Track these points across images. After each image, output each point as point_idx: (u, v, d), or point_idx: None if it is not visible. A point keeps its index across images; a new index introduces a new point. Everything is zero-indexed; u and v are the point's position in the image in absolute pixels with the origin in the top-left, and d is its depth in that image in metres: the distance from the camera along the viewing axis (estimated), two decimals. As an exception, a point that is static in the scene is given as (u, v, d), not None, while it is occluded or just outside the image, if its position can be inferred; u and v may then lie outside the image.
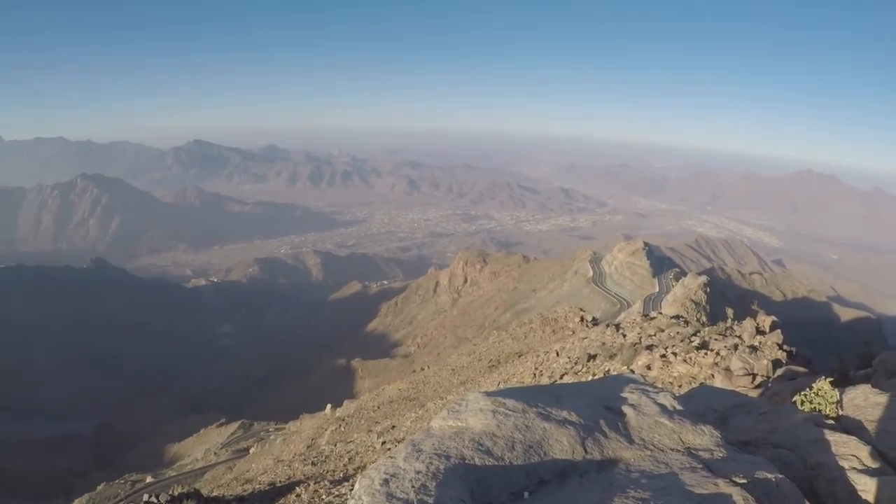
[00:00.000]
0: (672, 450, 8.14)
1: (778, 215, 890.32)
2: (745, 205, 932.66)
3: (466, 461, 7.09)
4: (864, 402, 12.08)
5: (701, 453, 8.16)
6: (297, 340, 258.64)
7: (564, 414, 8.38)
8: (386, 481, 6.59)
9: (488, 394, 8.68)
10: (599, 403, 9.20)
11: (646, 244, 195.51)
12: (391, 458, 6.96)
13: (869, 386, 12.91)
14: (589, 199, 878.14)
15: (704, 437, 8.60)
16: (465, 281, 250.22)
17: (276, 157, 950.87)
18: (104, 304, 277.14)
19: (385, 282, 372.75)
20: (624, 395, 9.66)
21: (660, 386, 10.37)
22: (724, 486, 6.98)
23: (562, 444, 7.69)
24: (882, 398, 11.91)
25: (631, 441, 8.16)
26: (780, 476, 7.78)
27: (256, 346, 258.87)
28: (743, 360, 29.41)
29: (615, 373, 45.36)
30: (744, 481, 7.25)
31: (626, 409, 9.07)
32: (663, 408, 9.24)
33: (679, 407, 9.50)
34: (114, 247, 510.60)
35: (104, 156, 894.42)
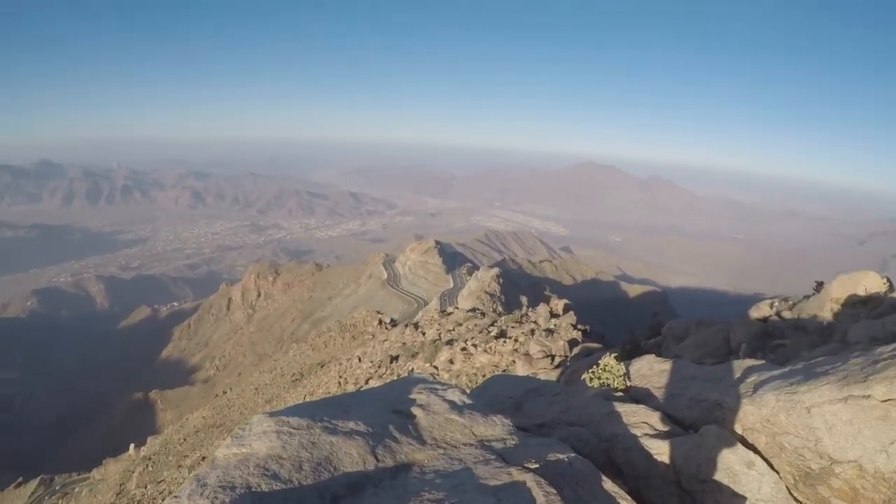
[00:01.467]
0: (465, 445, 8.04)
1: (563, 206, 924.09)
2: (531, 198, 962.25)
3: (253, 489, 6.67)
4: (650, 370, 12.63)
5: (494, 444, 8.11)
6: (88, 378, 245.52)
7: (351, 424, 8.10)
8: (169, 525, 6.13)
9: (271, 414, 8.28)
10: (388, 408, 9.01)
11: (437, 242, 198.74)
12: (175, 498, 6.46)
13: (653, 355, 13.41)
14: (378, 202, 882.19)
15: (496, 428, 8.59)
16: (259, 295, 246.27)
17: (50, 174, 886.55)
18: None
19: (175, 303, 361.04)
20: (412, 396, 9.49)
21: (448, 382, 10.27)
22: (517, 474, 6.95)
23: (352, 457, 7.40)
24: (665, 365, 12.47)
25: (423, 442, 7.99)
26: (573, 454, 7.88)
27: (45, 390, 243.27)
28: (540, 343, 30.11)
29: (419, 371, 45.65)
30: (536, 465, 7.27)
31: (415, 410, 8.90)
32: (452, 404, 9.14)
33: (468, 401, 9.44)
34: None
35: None
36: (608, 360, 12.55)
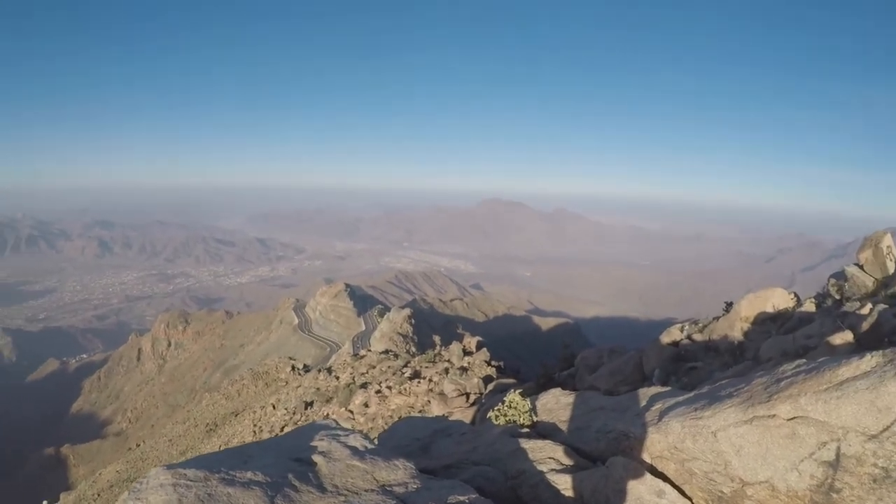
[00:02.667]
0: (366, 490, 8.02)
1: (471, 243, 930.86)
2: (439, 237, 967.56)
3: (148, 545, 6.53)
4: (556, 404, 12.65)
5: (395, 489, 8.10)
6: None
7: (249, 475, 7.98)
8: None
9: (169, 466, 8.10)
10: (288, 457, 8.92)
11: (347, 285, 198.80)
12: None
13: (559, 389, 13.58)
14: (286, 247, 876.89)
15: (398, 472, 8.58)
16: (170, 344, 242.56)
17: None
18: None
19: (85, 355, 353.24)
20: (314, 443, 9.40)
21: (350, 428, 10.20)
22: (415, 519, 6.97)
23: (249, 508, 7.30)
24: (570, 398, 12.55)
25: (323, 490, 7.92)
26: (475, 496, 7.91)
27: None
28: (454, 382, 30.13)
29: (334, 416, 45.41)
30: (436, 509, 7.30)
31: (316, 457, 8.83)
32: (354, 450, 9.10)
33: (370, 446, 9.41)
34: None
35: None
36: (513, 396, 12.64)
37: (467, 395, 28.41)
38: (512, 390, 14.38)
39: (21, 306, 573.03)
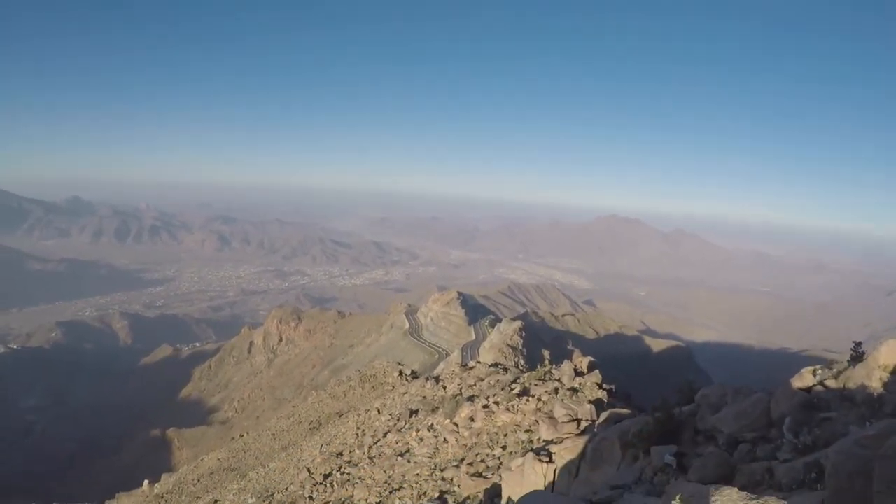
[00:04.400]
0: None
1: (586, 259, 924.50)
2: (554, 251, 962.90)
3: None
4: None
5: None
6: (107, 411, 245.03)
7: None
8: None
9: None
10: None
11: (460, 294, 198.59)
12: None
13: (736, 491, 10.33)
14: (402, 252, 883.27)
15: None
16: (281, 340, 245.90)
17: (80, 211, 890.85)
18: None
19: (197, 344, 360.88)
20: None
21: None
22: None
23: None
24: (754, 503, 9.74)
25: None
26: None
27: (65, 420, 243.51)
28: (566, 406, 29.37)
29: (439, 427, 45.06)
30: None
31: None
32: None
33: None
34: None
35: None
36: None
37: (578, 420, 27.68)
38: (647, 415, 13.62)
39: (140, 293, 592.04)
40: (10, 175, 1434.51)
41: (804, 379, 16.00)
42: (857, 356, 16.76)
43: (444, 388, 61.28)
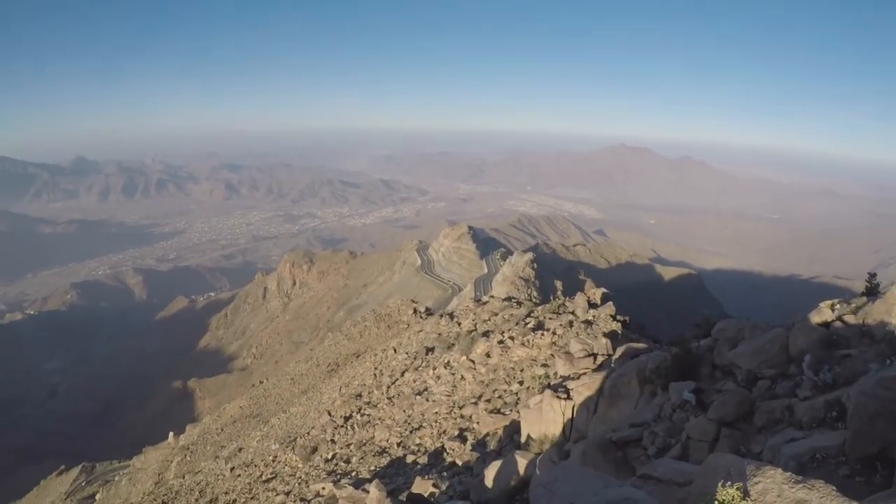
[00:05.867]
0: None
1: (595, 188, 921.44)
2: (563, 181, 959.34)
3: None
4: (779, 498, 9.08)
5: None
6: (128, 367, 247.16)
7: None
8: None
9: None
10: None
11: (470, 228, 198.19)
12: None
13: (779, 472, 8.78)
14: (410, 189, 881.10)
15: None
16: (294, 283, 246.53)
17: (86, 170, 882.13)
18: None
19: (212, 293, 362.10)
20: None
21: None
22: None
23: None
24: (801, 492, 8.63)
25: None
26: None
27: (88, 379, 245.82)
28: (581, 341, 29.27)
29: (455, 364, 45.21)
30: None
31: None
32: None
33: None
34: None
35: None
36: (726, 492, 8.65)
37: (594, 355, 27.63)
38: (665, 351, 13.48)
39: (152, 247, 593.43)
40: (13, 141, 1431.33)
41: (822, 314, 15.69)
42: (872, 288, 16.50)
43: (459, 324, 61.30)
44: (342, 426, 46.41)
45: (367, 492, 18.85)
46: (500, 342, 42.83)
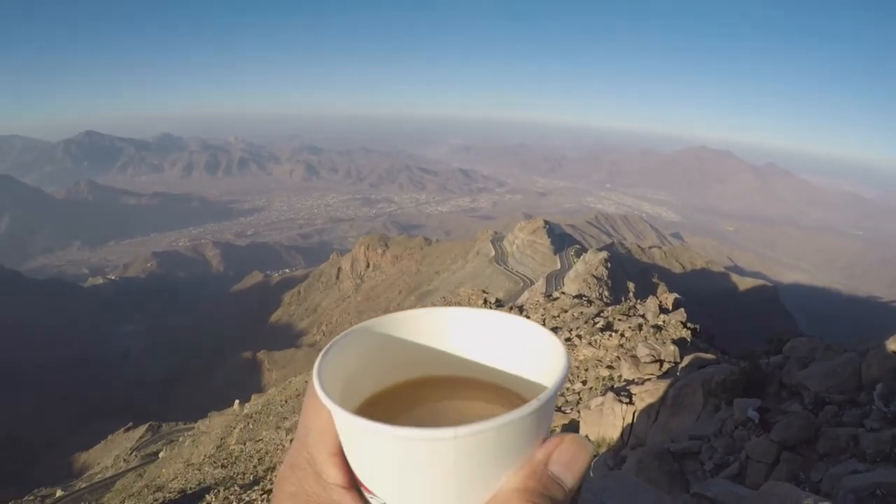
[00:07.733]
0: None
1: (675, 190, 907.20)
2: (642, 181, 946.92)
3: None
4: None
5: None
6: (201, 335, 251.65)
7: None
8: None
9: None
10: None
11: (546, 222, 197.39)
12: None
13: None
14: (488, 180, 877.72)
15: None
16: (368, 266, 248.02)
17: (170, 146, 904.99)
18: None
19: (287, 270, 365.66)
20: None
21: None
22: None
23: None
24: None
25: None
26: None
27: (160, 344, 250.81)
28: (649, 346, 28.97)
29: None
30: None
31: None
32: None
33: None
34: (4, 248, 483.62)
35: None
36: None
37: (661, 361, 27.29)
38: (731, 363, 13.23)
39: (231, 223, 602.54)
40: (102, 117, 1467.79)
41: (901, 342, 15.13)
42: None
43: (528, 318, 60.80)
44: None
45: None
46: (567, 339, 42.47)
